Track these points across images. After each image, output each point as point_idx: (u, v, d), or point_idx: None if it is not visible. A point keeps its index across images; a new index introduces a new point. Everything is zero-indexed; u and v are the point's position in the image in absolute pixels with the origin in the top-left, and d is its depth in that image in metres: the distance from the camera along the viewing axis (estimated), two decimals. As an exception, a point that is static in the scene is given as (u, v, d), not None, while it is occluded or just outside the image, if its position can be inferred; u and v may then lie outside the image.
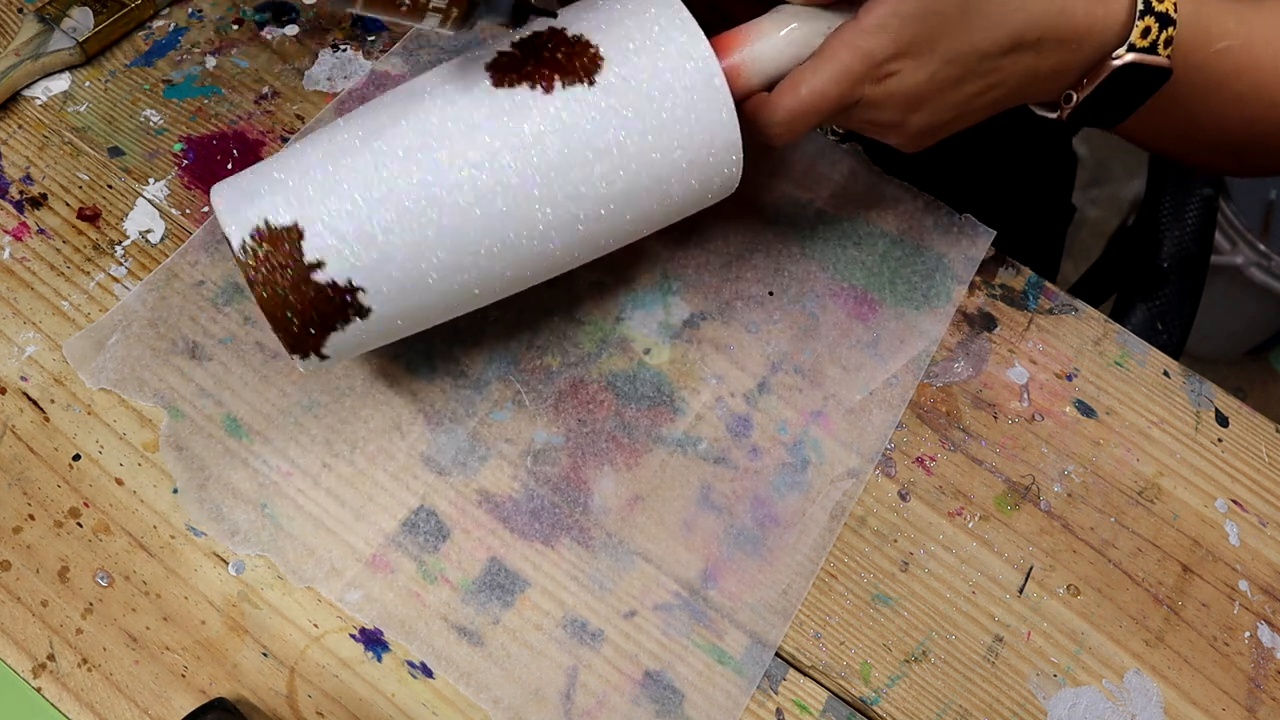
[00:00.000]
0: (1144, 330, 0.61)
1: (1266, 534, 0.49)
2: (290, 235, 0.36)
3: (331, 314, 0.38)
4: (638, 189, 0.40)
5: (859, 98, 0.40)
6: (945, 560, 0.46)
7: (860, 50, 0.39)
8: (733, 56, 0.41)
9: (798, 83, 0.40)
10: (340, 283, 0.37)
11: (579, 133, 0.38)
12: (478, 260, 0.39)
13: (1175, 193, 0.66)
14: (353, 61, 0.55)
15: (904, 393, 0.49)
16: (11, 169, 0.50)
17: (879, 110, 0.41)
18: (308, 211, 0.36)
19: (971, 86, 0.41)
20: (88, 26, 0.53)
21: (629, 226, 0.42)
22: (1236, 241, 1.28)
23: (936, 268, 0.53)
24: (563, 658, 0.43)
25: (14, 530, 0.43)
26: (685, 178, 0.41)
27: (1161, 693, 0.45)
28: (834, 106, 0.40)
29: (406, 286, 0.38)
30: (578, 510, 0.45)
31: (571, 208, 0.39)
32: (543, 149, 0.38)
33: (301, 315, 0.37)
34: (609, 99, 0.38)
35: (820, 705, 0.43)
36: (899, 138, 0.43)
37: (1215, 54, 0.45)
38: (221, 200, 0.37)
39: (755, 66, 0.41)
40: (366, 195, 0.37)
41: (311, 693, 0.41)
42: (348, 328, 0.38)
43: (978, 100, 0.42)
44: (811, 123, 0.41)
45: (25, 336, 0.46)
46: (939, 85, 0.40)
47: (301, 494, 0.44)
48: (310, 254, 0.36)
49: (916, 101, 0.41)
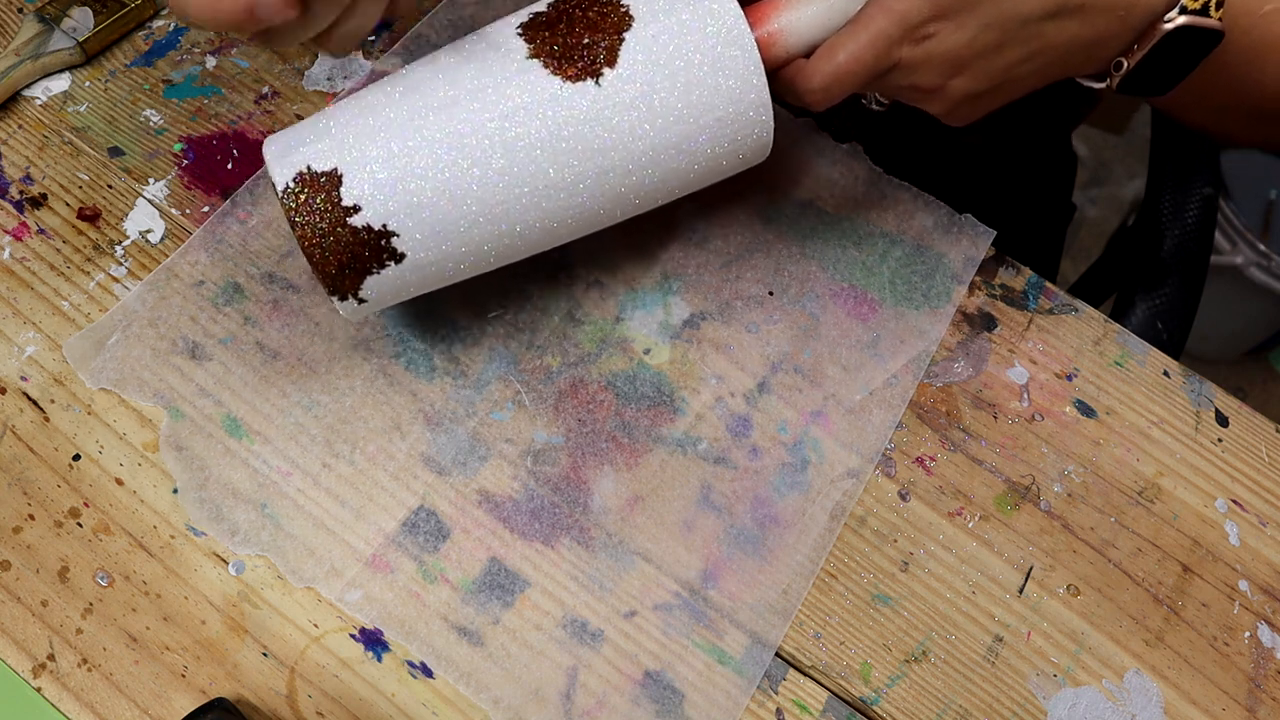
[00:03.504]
0: (1144, 330, 0.61)
1: (1266, 534, 0.49)
2: (330, 180, 0.39)
3: (367, 256, 0.39)
4: (665, 145, 0.41)
5: (896, 60, 0.40)
6: (945, 560, 0.46)
7: (895, 12, 0.39)
8: (769, 24, 0.41)
9: (834, 47, 0.40)
10: (375, 226, 0.39)
11: (606, 88, 0.39)
12: (508, 210, 0.40)
13: (1175, 192, 0.66)
14: (353, 61, 0.55)
15: (904, 393, 0.49)
16: (11, 169, 0.50)
17: (918, 73, 0.41)
18: (347, 158, 0.39)
19: (1013, 53, 0.40)
20: (88, 26, 0.53)
21: (657, 183, 0.42)
22: (1236, 241, 1.27)
23: (936, 268, 0.53)
24: (563, 658, 0.43)
25: (14, 530, 0.43)
26: (714, 137, 0.42)
27: (1161, 693, 0.45)
28: (870, 70, 0.40)
29: (438, 231, 0.40)
30: (578, 510, 0.45)
31: (599, 160, 0.40)
32: (571, 103, 0.39)
33: (338, 256, 0.39)
34: (638, 55, 0.39)
35: (820, 705, 0.43)
36: (941, 105, 0.43)
37: (1264, 16, 0.44)
38: (271, 148, 0.40)
39: (792, 33, 0.42)
40: (402, 145, 0.39)
41: (311, 693, 0.41)
42: (383, 271, 0.40)
43: (1021, 68, 0.41)
44: (849, 87, 0.41)
45: (25, 336, 0.46)
46: (979, 50, 0.40)
47: (301, 494, 0.44)
48: (348, 198, 0.39)
49: (956, 65, 0.40)
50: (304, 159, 0.39)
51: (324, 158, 0.39)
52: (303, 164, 0.39)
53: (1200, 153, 0.68)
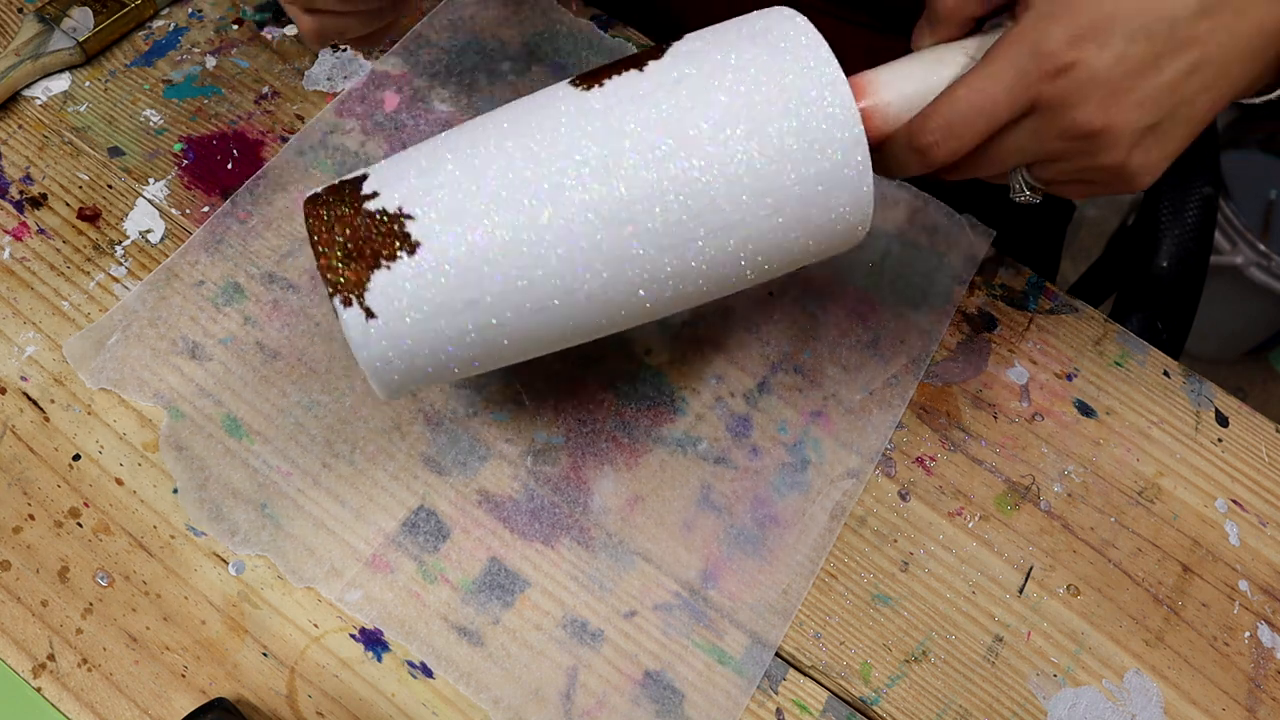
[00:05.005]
0: (1144, 330, 0.61)
1: (1266, 534, 0.49)
2: (355, 181, 0.38)
3: (378, 241, 0.36)
4: (726, 190, 0.36)
5: (1033, 100, 0.35)
6: (945, 560, 0.46)
7: (1026, 42, 0.34)
8: (872, 97, 0.37)
9: (955, 88, 0.35)
10: (390, 209, 0.37)
11: (635, 99, 0.37)
12: (531, 197, 0.36)
13: (1175, 193, 0.66)
14: (353, 61, 0.55)
15: (904, 393, 0.49)
16: (11, 169, 0.50)
17: (1069, 111, 0.35)
18: (376, 169, 0.39)
19: (1173, 65, 0.35)
20: (88, 26, 0.53)
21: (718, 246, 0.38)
22: (1236, 241, 1.27)
23: (936, 268, 0.53)
24: (563, 658, 0.43)
25: (14, 530, 0.43)
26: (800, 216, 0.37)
27: (1161, 693, 0.45)
28: (1000, 108, 0.35)
29: (454, 214, 0.37)
30: (578, 510, 0.45)
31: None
32: (604, 95, 0.37)
33: (348, 239, 0.36)
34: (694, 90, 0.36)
35: (820, 705, 0.43)
36: (1112, 153, 0.36)
37: None
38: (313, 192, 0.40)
39: (898, 105, 0.37)
40: (430, 159, 0.38)
41: (311, 693, 0.41)
42: (394, 266, 0.36)
43: (1189, 85, 0.35)
44: (976, 127, 0.35)
45: (25, 336, 0.46)
46: (1132, 67, 0.34)
47: (301, 494, 0.44)
48: (367, 189, 0.38)
49: (1113, 92, 0.35)
50: (339, 177, 0.40)
51: (357, 171, 0.39)
52: (336, 179, 0.40)
53: (1200, 153, 0.68)
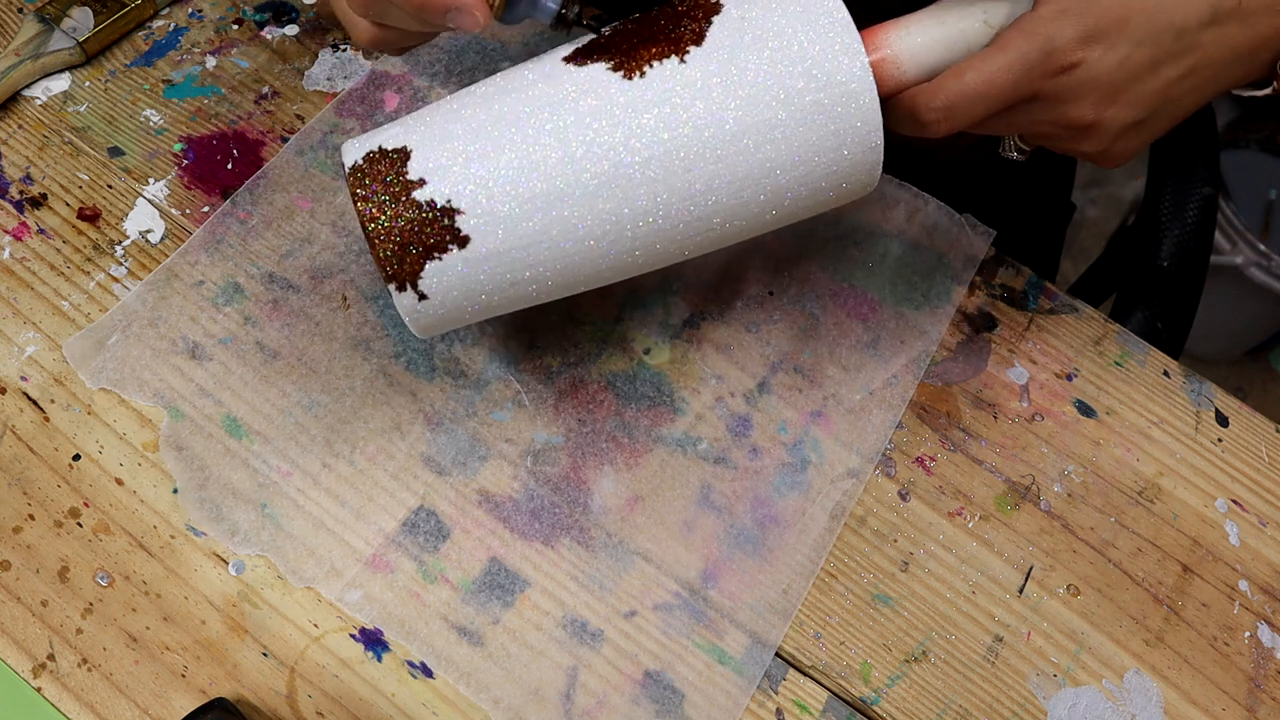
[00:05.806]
0: (1144, 330, 0.61)
1: (1266, 534, 0.49)
2: (398, 155, 0.38)
3: (430, 235, 0.38)
4: (749, 127, 0.38)
5: (1035, 92, 0.37)
6: (945, 560, 0.46)
7: (1039, 36, 0.36)
8: (884, 49, 0.39)
9: (964, 68, 0.37)
10: (440, 202, 0.38)
11: (691, 66, 0.38)
12: (574, 193, 0.38)
13: (1175, 192, 0.66)
14: (353, 61, 0.55)
15: (904, 393, 0.49)
16: (11, 169, 0.50)
17: (1066, 106, 0.37)
18: (415, 138, 0.39)
19: (1170, 70, 0.37)
20: (88, 26, 0.53)
21: (733, 196, 0.39)
22: (1236, 241, 1.27)
23: (936, 268, 0.53)
24: (563, 658, 0.43)
25: (14, 530, 0.43)
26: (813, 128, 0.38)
27: (1161, 693, 0.45)
28: (1004, 97, 0.37)
29: (503, 213, 0.38)
30: (578, 510, 0.45)
31: (678, 143, 0.38)
32: (647, 86, 0.38)
33: (401, 233, 0.38)
34: (721, 65, 0.37)
35: (820, 705, 0.43)
36: (1096, 143, 0.39)
37: None
38: (347, 142, 0.40)
39: (909, 60, 0.39)
40: (467, 127, 0.38)
41: (311, 693, 0.41)
42: (445, 257, 0.38)
43: (1179, 88, 0.38)
44: (975, 111, 0.37)
45: (25, 336, 0.46)
46: (1133, 71, 0.37)
47: (301, 494, 0.44)
48: (414, 173, 0.38)
49: (1110, 93, 0.37)
50: (375, 141, 0.39)
51: (394, 139, 0.39)
52: (374, 145, 0.39)
53: (1200, 153, 0.68)
